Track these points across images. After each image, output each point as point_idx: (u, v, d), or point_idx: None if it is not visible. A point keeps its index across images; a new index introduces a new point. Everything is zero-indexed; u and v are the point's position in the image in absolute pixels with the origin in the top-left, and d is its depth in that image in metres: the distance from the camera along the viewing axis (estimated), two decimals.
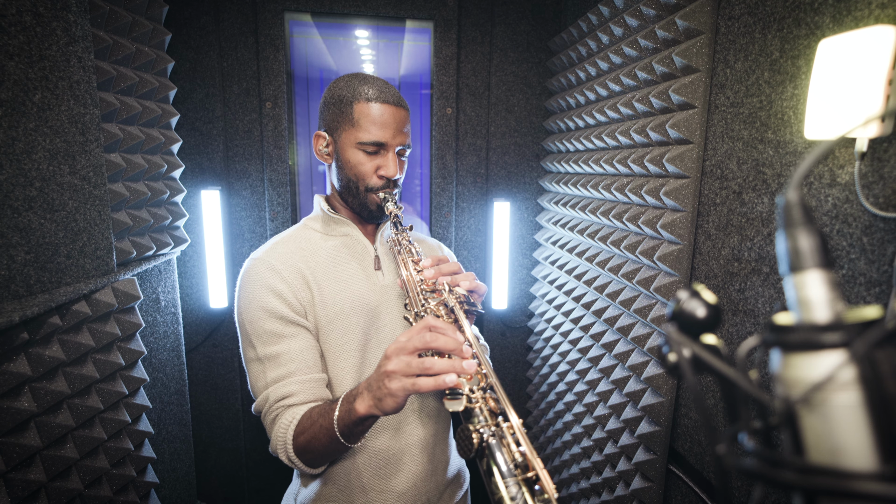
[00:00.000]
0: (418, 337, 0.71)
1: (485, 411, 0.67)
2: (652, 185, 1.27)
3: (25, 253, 0.98)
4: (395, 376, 0.70)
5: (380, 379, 0.73)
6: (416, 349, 0.71)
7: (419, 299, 0.84)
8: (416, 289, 0.85)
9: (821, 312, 0.26)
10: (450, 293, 0.81)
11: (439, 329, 0.72)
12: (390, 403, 0.71)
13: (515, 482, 0.59)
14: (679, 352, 0.30)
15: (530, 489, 0.58)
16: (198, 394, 1.99)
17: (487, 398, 0.69)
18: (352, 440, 0.80)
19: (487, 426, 0.65)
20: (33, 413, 0.97)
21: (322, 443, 0.81)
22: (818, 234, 0.27)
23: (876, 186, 0.76)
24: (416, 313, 0.83)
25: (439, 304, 0.81)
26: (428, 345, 0.70)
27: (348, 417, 0.77)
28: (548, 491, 0.57)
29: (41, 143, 1.00)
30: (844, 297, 0.82)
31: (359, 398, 0.75)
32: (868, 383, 0.24)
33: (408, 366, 0.69)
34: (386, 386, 0.71)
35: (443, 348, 0.70)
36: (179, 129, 1.72)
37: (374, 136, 0.91)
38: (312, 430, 0.82)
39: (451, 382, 0.67)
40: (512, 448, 0.62)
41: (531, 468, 0.59)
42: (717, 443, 0.28)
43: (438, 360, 0.69)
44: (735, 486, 1.05)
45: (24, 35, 0.95)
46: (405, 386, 0.69)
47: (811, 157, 0.27)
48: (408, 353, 0.71)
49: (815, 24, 0.87)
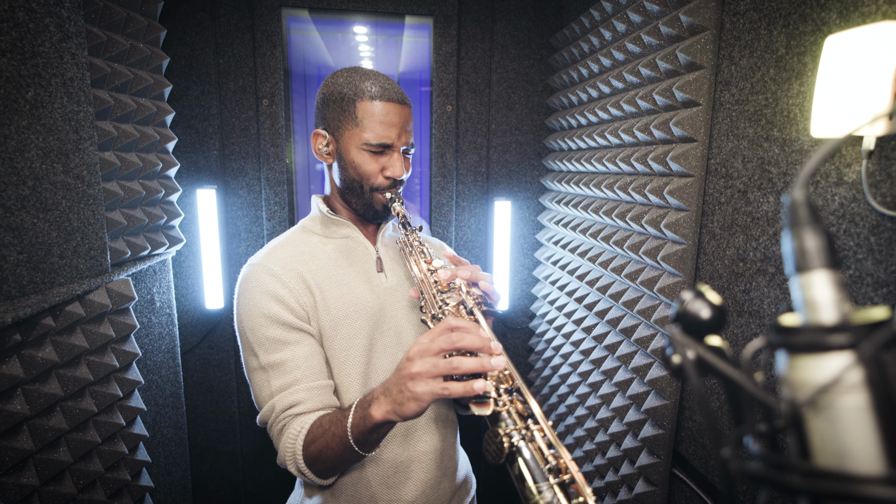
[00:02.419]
0: (443, 338, 0.67)
1: (513, 414, 0.64)
2: (655, 184, 1.25)
3: (18, 253, 0.97)
4: (421, 379, 0.67)
5: (401, 382, 0.69)
6: (442, 350, 0.67)
7: (435, 301, 0.81)
8: (432, 290, 0.82)
9: (827, 313, 0.26)
10: (467, 294, 0.79)
11: (463, 328, 0.68)
12: (412, 408, 0.68)
13: (549, 486, 0.57)
14: (683, 353, 0.30)
15: (565, 493, 0.56)
16: (193, 396, 1.96)
17: (514, 400, 0.66)
18: (367, 448, 0.77)
19: (517, 429, 0.62)
20: (26, 416, 0.96)
21: (335, 452, 0.78)
22: (825, 234, 0.27)
23: (883, 185, 0.76)
24: (434, 315, 0.80)
25: (457, 305, 0.79)
26: (454, 345, 0.67)
27: (363, 424, 0.73)
28: (583, 494, 0.55)
29: (34, 142, 0.98)
30: (851, 298, 0.81)
31: (374, 403, 0.72)
32: (875, 386, 0.24)
33: (434, 367, 0.66)
34: (409, 389, 0.67)
35: (470, 347, 0.67)
36: (175, 126, 1.71)
37: (380, 136, 0.89)
38: (324, 439, 0.78)
39: (480, 389, 0.64)
40: (544, 451, 0.60)
41: (564, 471, 0.57)
42: (721, 446, 0.28)
43: (466, 359, 0.66)
44: (740, 490, 1.04)
45: (16, 31, 0.94)
46: (434, 390, 0.66)
47: (817, 156, 0.27)
48: (433, 355, 0.67)
49: (822, 20, 0.86)
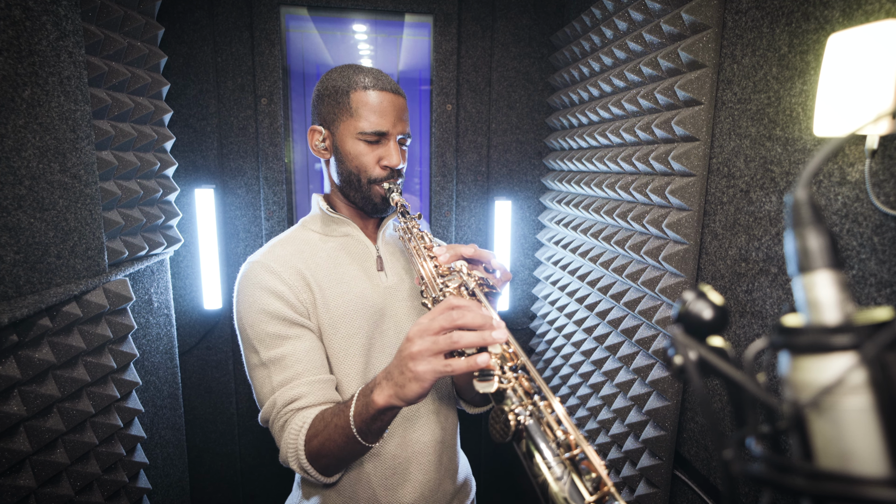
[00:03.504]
0: (443, 316, 0.66)
1: (519, 391, 0.63)
2: (657, 184, 1.25)
3: (15, 253, 0.96)
4: (423, 358, 0.65)
5: (402, 363, 0.68)
6: (443, 328, 0.66)
7: (436, 284, 0.79)
8: (432, 274, 0.81)
9: (830, 314, 0.26)
10: (468, 276, 0.78)
11: (464, 306, 0.67)
12: (415, 389, 0.66)
13: (559, 461, 0.55)
14: (685, 354, 0.30)
15: (576, 469, 0.54)
16: (191, 397, 1.95)
17: (520, 377, 0.65)
18: (370, 438, 0.76)
19: (523, 406, 0.61)
20: (23, 417, 0.95)
21: (337, 444, 0.77)
22: (828, 234, 0.27)
23: (887, 185, 0.76)
24: (435, 298, 0.78)
25: (458, 287, 0.77)
26: (454, 322, 0.65)
27: (366, 412, 0.72)
28: (596, 469, 0.53)
29: (31, 141, 0.98)
30: (854, 299, 0.81)
31: (377, 389, 0.71)
32: (879, 387, 0.24)
33: (434, 343, 0.65)
34: (411, 369, 0.66)
35: (471, 324, 0.65)
36: (172, 125, 1.70)
37: (374, 124, 0.89)
38: (327, 432, 0.77)
39: (483, 363, 0.63)
40: (553, 426, 0.58)
41: (574, 446, 0.55)
42: (724, 448, 0.28)
43: (466, 333, 0.64)
44: (742, 491, 1.04)
45: (13, 29, 0.93)
46: (435, 368, 0.65)
47: (820, 155, 0.27)
48: (433, 334, 0.66)
49: (825, 18, 0.86)
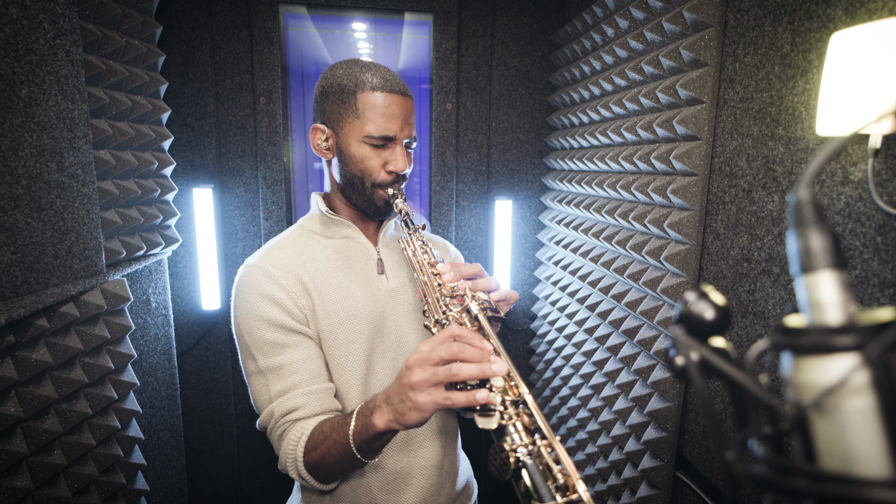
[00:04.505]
0: (444, 347, 0.67)
1: (519, 428, 0.63)
2: (658, 183, 1.24)
3: (11, 253, 0.95)
4: (422, 388, 0.66)
5: (402, 391, 0.68)
6: (442, 360, 0.66)
7: (439, 305, 0.79)
8: (435, 294, 0.80)
9: (833, 314, 0.26)
10: (472, 299, 0.77)
11: (465, 339, 0.68)
12: (414, 417, 0.67)
13: None
14: (687, 355, 0.29)
15: None
16: (189, 398, 1.94)
17: (521, 413, 0.65)
18: (369, 455, 0.76)
19: (524, 445, 0.61)
20: (20, 418, 0.95)
21: (336, 459, 0.77)
22: (830, 234, 0.27)
23: (890, 184, 0.76)
24: (437, 320, 0.78)
25: (462, 310, 0.77)
26: (455, 356, 0.66)
27: (365, 432, 0.73)
28: None
29: (28, 140, 0.97)
30: (857, 299, 0.80)
31: (377, 412, 0.72)
32: (882, 388, 0.24)
33: (434, 375, 0.66)
34: (411, 399, 0.67)
35: (471, 358, 0.66)
36: (170, 125, 1.69)
37: (382, 129, 0.87)
38: (325, 446, 0.78)
39: (482, 399, 0.64)
40: (552, 468, 0.58)
41: (572, 490, 0.56)
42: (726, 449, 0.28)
43: (466, 365, 0.65)
44: (744, 493, 1.03)
45: (9, 28, 0.93)
46: (436, 400, 0.66)
47: (823, 154, 0.26)
48: (432, 364, 0.67)
49: (827, 16, 0.86)
